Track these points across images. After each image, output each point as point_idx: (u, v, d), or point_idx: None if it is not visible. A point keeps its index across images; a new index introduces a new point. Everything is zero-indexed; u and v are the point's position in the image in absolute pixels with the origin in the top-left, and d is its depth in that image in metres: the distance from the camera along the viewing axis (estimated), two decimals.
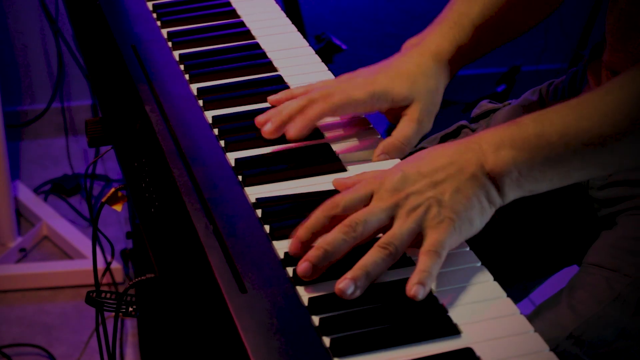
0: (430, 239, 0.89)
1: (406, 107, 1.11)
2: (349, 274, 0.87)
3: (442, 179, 0.91)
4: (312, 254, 0.88)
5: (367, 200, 0.92)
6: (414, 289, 0.85)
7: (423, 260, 0.87)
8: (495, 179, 0.92)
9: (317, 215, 0.92)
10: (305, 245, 0.90)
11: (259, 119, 1.11)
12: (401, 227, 0.89)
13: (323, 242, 0.89)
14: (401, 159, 1.08)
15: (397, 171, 0.93)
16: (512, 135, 0.92)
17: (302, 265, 0.88)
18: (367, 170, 1.01)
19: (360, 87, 1.09)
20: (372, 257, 0.88)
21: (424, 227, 0.90)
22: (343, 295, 0.86)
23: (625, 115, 0.91)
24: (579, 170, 0.94)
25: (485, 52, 1.21)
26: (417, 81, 1.11)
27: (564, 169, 0.93)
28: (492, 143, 0.92)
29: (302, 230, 0.91)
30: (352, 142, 1.11)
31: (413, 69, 1.12)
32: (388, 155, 1.09)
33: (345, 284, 0.86)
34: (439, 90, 1.14)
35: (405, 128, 1.11)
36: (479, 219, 0.91)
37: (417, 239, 0.90)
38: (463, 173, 0.91)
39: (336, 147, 1.10)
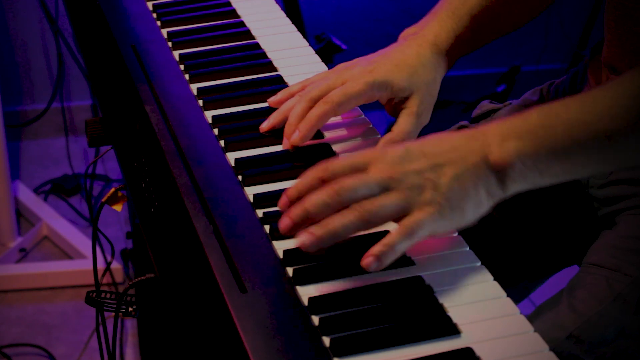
0: (412, 217, 0.88)
1: (405, 99, 1.11)
2: (315, 230, 0.87)
3: (443, 162, 0.90)
4: (293, 210, 0.89)
5: (360, 169, 0.90)
6: (367, 260, 0.86)
7: (391, 234, 0.87)
8: (498, 171, 0.91)
9: (306, 176, 0.91)
10: (292, 204, 0.90)
11: (263, 127, 1.11)
12: (390, 199, 0.88)
13: (307, 201, 0.89)
14: None
15: (400, 147, 0.91)
16: (517, 127, 0.91)
17: (283, 221, 0.89)
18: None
19: (358, 79, 1.08)
20: (345, 219, 0.87)
21: (412, 208, 0.88)
22: (302, 248, 0.87)
23: (630, 110, 0.90)
24: (582, 165, 0.93)
25: (484, 42, 1.20)
26: (416, 72, 1.11)
27: (568, 163, 0.92)
28: (498, 134, 0.91)
29: (291, 189, 0.91)
30: (352, 142, 1.11)
31: (412, 60, 1.12)
32: None
33: (308, 239, 0.87)
34: (436, 80, 1.14)
35: (404, 122, 1.11)
36: (472, 210, 0.90)
37: (401, 217, 0.89)
38: (465, 161, 0.90)
39: (336, 147, 1.10)
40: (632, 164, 0.96)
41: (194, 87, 1.22)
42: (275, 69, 1.26)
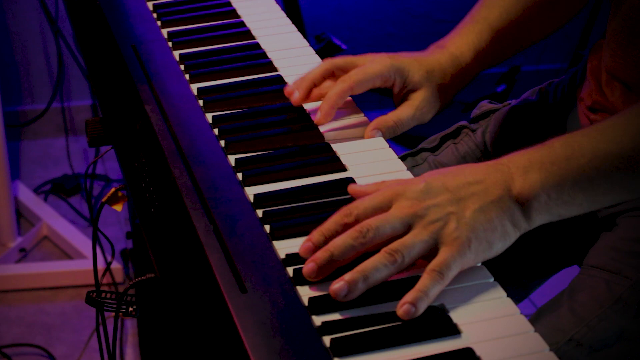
0: (439, 258, 0.87)
1: (413, 92, 1.15)
2: (346, 276, 0.85)
3: (466, 195, 0.89)
4: (318, 255, 0.88)
5: (383, 209, 0.90)
6: (404, 307, 0.84)
7: (423, 279, 0.86)
8: (522, 203, 0.90)
9: (331, 222, 0.90)
10: (317, 249, 0.89)
11: (287, 89, 1.15)
12: (415, 237, 0.87)
13: (331, 245, 0.88)
14: (402, 161, 1.08)
15: (420, 181, 0.91)
16: (540, 158, 0.91)
17: (308, 266, 0.87)
18: (385, 180, 0.98)
19: (379, 61, 1.13)
20: (375, 262, 0.86)
21: (439, 243, 0.88)
22: (336, 297, 0.85)
23: None
24: (607, 195, 0.92)
25: (506, 56, 1.23)
26: (432, 73, 1.15)
27: (592, 193, 0.91)
28: (521, 166, 0.90)
29: (316, 234, 0.90)
30: (352, 142, 1.11)
31: (432, 63, 1.16)
32: (380, 130, 1.11)
33: (339, 287, 0.85)
34: (449, 88, 1.17)
35: (401, 110, 1.14)
36: (500, 243, 0.89)
37: (430, 252, 0.88)
38: (489, 194, 0.89)
39: (336, 147, 1.10)
40: None
41: (194, 87, 1.22)
42: (275, 69, 1.26)
